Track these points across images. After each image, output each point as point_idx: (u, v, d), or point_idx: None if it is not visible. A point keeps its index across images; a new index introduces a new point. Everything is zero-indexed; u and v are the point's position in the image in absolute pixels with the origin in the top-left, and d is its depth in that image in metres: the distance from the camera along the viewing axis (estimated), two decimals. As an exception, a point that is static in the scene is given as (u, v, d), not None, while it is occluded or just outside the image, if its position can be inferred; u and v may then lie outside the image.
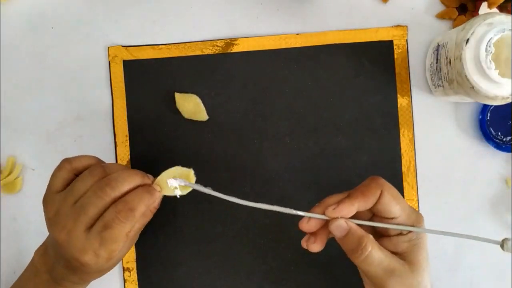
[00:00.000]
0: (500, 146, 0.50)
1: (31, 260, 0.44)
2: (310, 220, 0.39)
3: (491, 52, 0.41)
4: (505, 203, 0.51)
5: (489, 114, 0.51)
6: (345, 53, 0.51)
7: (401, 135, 0.51)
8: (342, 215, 0.38)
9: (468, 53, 0.42)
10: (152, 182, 0.42)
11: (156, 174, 0.42)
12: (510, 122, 0.51)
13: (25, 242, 0.52)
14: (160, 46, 0.52)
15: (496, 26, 0.41)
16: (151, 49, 0.52)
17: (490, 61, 0.41)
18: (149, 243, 0.52)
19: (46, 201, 0.41)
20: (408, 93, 0.51)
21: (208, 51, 0.52)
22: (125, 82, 0.52)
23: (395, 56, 0.51)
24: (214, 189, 0.42)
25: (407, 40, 0.51)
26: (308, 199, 0.51)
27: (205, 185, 0.42)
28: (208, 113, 0.51)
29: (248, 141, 0.52)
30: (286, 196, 0.51)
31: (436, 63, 0.48)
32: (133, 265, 0.52)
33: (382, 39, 0.51)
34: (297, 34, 0.51)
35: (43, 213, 0.42)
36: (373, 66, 0.51)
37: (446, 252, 0.51)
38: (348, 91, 0.51)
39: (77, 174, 0.42)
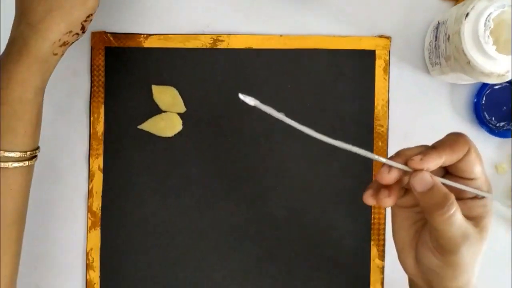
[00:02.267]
0: (493, 131, 0.50)
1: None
2: (391, 170, 0.35)
3: (489, 27, 0.41)
4: (496, 188, 0.51)
5: (484, 98, 0.50)
6: (326, 59, 0.51)
7: (375, 146, 0.51)
8: (428, 167, 0.34)
9: (467, 27, 0.42)
10: None
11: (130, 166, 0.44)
12: (504, 107, 0.51)
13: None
14: (145, 36, 0.51)
15: (496, 2, 0.41)
16: (136, 37, 0.51)
17: (488, 36, 0.41)
18: (114, 231, 0.51)
19: None
20: (386, 103, 0.51)
21: (192, 45, 0.51)
22: (105, 69, 0.51)
23: (376, 67, 0.51)
24: (181, 183, 0.45)
25: (389, 51, 0.51)
26: (277, 201, 0.51)
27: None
28: (185, 107, 0.51)
29: (223, 138, 0.51)
30: (255, 195, 0.51)
31: (435, 41, 0.48)
32: (97, 252, 0.51)
33: (365, 48, 0.51)
34: (281, 35, 0.51)
35: (36, 165, 0.44)
36: (353, 74, 0.51)
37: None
38: (326, 97, 0.51)
39: None
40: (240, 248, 0.51)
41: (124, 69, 0.51)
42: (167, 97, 0.50)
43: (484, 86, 0.50)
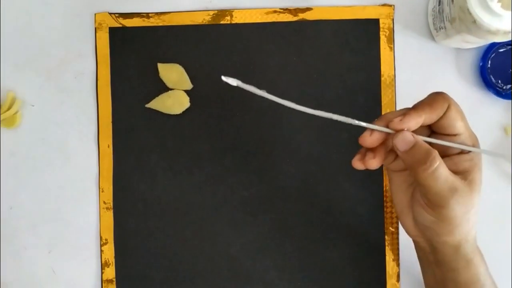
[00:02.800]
0: (500, 93, 0.50)
1: None
2: (373, 133, 0.37)
3: (494, -16, 0.41)
4: (504, 151, 0.51)
5: (489, 62, 0.50)
6: (331, 29, 0.51)
7: (383, 113, 0.51)
8: (408, 127, 0.36)
9: (471, -14, 0.42)
10: None
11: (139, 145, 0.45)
12: (510, 70, 0.51)
13: (21, 178, 0.52)
14: (149, 15, 0.51)
15: (499, -42, 0.41)
16: (139, 17, 0.51)
17: (492, -7, 0.41)
18: (127, 212, 0.51)
19: None
20: (392, 72, 0.51)
21: (195, 21, 0.51)
22: (110, 50, 0.51)
23: (381, 35, 0.51)
24: (192, 160, 0.46)
25: (393, 19, 0.51)
26: (288, 173, 0.51)
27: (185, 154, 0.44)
28: (192, 84, 0.51)
29: (231, 113, 0.51)
30: (266, 168, 0.51)
31: (439, 5, 0.48)
32: (110, 233, 0.51)
33: (369, 17, 0.51)
34: (285, 8, 0.51)
35: (41, 149, 0.45)
36: (358, 44, 0.51)
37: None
38: (332, 67, 0.51)
39: None
40: (253, 221, 0.51)
41: (129, 49, 0.51)
42: (173, 74, 0.51)
43: (489, 49, 0.50)
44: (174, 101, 0.50)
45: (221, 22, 0.51)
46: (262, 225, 0.51)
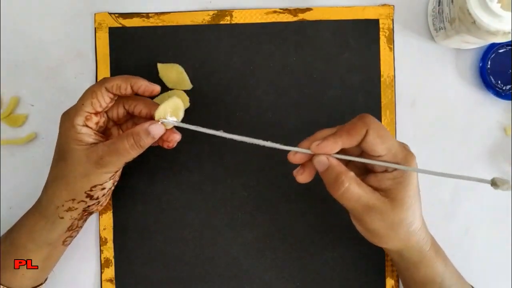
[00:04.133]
0: (500, 94, 0.50)
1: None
2: (296, 153, 0.40)
3: (493, -15, 0.41)
4: (504, 151, 0.51)
5: (489, 62, 0.50)
6: (331, 30, 0.51)
7: (382, 115, 0.51)
8: (325, 151, 0.39)
9: (470, -13, 0.42)
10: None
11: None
12: (510, 71, 0.51)
13: (21, 178, 0.52)
14: (148, 15, 0.51)
15: (498, -41, 0.41)
16: (139, 17, 0.51)
17: (492, -6, 0.41)
18: (126, 211, 0.51)
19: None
20: (392, 72, 0.51)
21: (195, 21, 0.51)
22: (110, 50, 0.51)
23: (381, 35, 0.51)
24: (192, 160, 0.48)
25: (393, 20, 0.51)
26: (287, 173, 0.50)
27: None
28: (192, 84, 0.51)
29: (231, 113, 0.51)
30: (266, 169, 0.51)
31: (439, 5, 0.48)
32: (110, 232, 0.51)
33: (368, 17, 0.51)
34: (285, 8, 0.51)
35: (41, 149, 0.49)
36: (358, 44, 0.51)
37: (442, 200, 0.51)
38: (332, 68, 0.51)
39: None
40: (253, 221, 0.51)
41: (129, 49, 0.51)
42: (173, 74, 0.51)
43: (489, 50, 0.50)
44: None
45: (221, 22, 0.51)
46: (261, 225, 0.51)
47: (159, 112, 0.42)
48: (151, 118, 0.43)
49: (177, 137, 0.44)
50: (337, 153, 0.39)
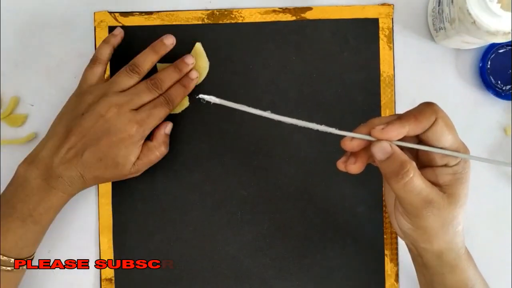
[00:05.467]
0: (500, 94, 0.50)
1: (15, 174, 0.45)
2: (353, 139, 0.37)
3: (493, -15, 0.41)
4: (503, 151, 0.51)
5: (489, 63, 0.50)
6: (331, 29, 0.51)
7: (382, 114, 0.51)
8: (389, 137, 0.35)
9: (470, -13, 0.42)
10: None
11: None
12: (509, 71, 0.51)
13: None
14: (148, 14, 0.51)
15: (498, -41, 0.41)
16: (139, 16, 0.51)
17: (491, -6, 0.41)
18: (126, 210, 0.51)
19: (88, 90, 0.46)
20: (392, 71, 0.51)
21: (195, 21, 0.51)
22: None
23: (380, 34, 0.51)
24: (191, 159, 0.49)
25: (392, 19, 0.51)
26: (287, 172, 0.51)
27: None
28: None
29: (231, 113, 0.50)
30: (265, 168, 0.51)
31: (438, 6, 0.48)
32: (109, 231, 0.51)
33: (368, 16, 0.51)
34: (285, 8, 0.51)
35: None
36: (358, 43, 0.51)
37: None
38: (331, 67, 0.51)
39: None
40: (252, 220, 0.51)
41: (129, 48, 0.51)
42: (173, 74, 0.51)
43: (489, 50, 0.50)
44: (174, 101, 0.50)
45: (221, 22, 0.51)
46: (261, 224, 0.51)
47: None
48: None
49: (170, 40, 0.47)
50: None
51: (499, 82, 0.51)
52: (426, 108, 0.36)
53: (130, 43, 0.51)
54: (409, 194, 0.35)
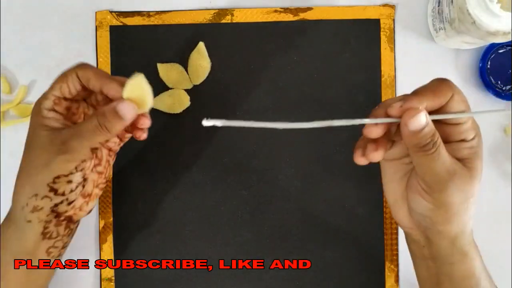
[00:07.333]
0: (500, 94, 0.50)
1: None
2: (377, 124, 0.35)
3: (493, -15, 0.41)
4: (504, 151, 0.51)
5: (489, 63, 0.51)
6: (332, 29, 0.51)
7: None
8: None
9: (470, -13, 0.42)
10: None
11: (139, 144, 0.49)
12: (509, 71, 0.51)
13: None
14: (150, 13, 0.51)
15: (498, -40, 0.41)
16: (140, 15, 0.51)
17: (491, -6, 0.41)
18: (126, 210, 0.51)
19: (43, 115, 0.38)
20: (393, 72, 0.51)
21: (196, 20, 0.51)
22: (110, 48, 0.51)
23: (381, 35, 0.51)
24: (192, 159, 0.49)
25: (394, 20, 0.51)
26: (287, 172, 0.51)
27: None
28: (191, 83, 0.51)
29: (230, 113, 0.51)
30: (266, 168, 0.51)
31: (438, 6, 0.48)
32: (109, 232, 0.51)
33: (370, 17, 0.51)
34: (286, 8, 0.51)
35: None
36: (359, 44, 0.51)
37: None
38: (332, 68, 0.51)
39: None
40: (252, 220, 0.51)
41: (130, 48, 0.51)
42: (173, 74, 0.51)
43: (489, 50, 0.50)
44: (174, 100, 0.50)
45: (222, 22, 0.51)
46: (261, 225, 0.51)
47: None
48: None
49: (147, 122, 0.39)
50: None
51: (499, 82, 0.51)
52: (443, 84, 0.35)
53: (131, 44, 0.51)
54: (436, 164, 0.34)
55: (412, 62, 0.51)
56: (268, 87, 0.51)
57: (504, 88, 0.51)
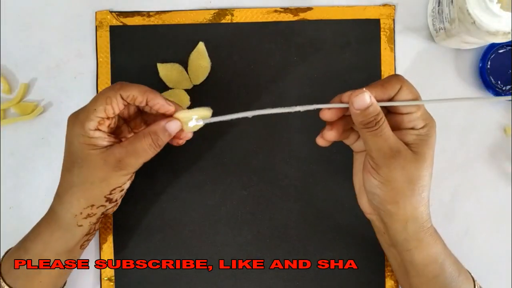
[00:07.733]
0: (500, 94, 0.50)
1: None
2: (330, 109, 0.40)
3: (493, -15, 0.41)
4: (504, 151, 0.51)
5: (489, 63, 0.51)
6: (332, 29, 0.51)
7: None
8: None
9: (470, -13, 0.42)
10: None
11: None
12: (509, 71, 0.51)
13: (21, 178, 0.52)
14: (150, 13, 0.51)
15: (497, -40, 0.41)
16: (140, 15, 0.51)
17: (491, -6, 0.41)
18: (126, 210, 0.51)
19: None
20: (393, 72, 0.51)
21: (196, 20, 0.51)
22: (110, 48, 0.51)
23: (381, 35, 0.51)
24: (191, 159, 0.49)
25: (394, 20, 0.51)
26: (287, 172, 0.51)
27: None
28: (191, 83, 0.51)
29: (230, 113, 0.51)
30: (265, 168, 0.51)
31: (438, 6, 0.48)
32: (109, 232, 0.51)
33: (370, 17, 0.51)
34: (286, 8, 0.51)
35: (41, 149, 0.50)
36: (359, 44, 0.51)
37: (442, 201, 0.51)
38: (332, 67, 0.51)
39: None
40: (252, 220, 0.51)
41: (130, 47, 0.51)
42: (173, 74, 0.51)
43: (489, 50, 0.50)
44: (175, 100, 0.50)
45: (222, 21, 0.51)
46: (261, 224, 0.51)
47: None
48: (162, 114, 0.42)
49: (189, 135, 0.44)
50: None
51: (499, 82, 0.51)
52: (392, 77, 0.39)
53: (131, 44, 0.51)
54: (379, 140, 0.38)
55: (412, 62, 0.51)
56: (267, 87, 0.51)
57: (504, 88, 0.51)
